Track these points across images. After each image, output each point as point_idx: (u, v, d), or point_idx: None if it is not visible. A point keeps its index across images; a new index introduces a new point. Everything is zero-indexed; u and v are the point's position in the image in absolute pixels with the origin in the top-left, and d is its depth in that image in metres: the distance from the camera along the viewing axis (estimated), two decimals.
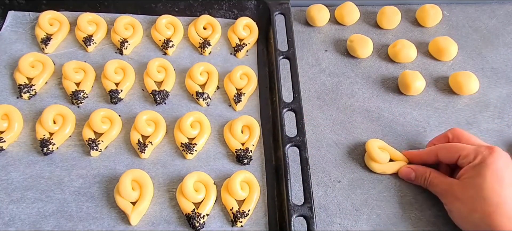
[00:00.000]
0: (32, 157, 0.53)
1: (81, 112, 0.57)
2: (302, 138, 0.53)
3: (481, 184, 0.45)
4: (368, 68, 0.66)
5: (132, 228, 0.49)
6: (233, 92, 0.59)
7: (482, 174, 0.46)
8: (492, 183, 0.45)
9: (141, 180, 0.50)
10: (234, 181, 0.50)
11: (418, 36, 0.70)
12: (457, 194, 0.48)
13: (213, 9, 0.68)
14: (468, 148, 0.49)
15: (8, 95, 0.58)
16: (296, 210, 0.48)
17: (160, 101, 0.58)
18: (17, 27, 0.65)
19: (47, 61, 0.60)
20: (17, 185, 0.51)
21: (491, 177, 0.45)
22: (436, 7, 0.71)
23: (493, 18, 0.74)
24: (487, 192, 0.45)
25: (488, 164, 0.46)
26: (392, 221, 0.51)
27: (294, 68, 0.60)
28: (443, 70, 0.66)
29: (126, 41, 0.63)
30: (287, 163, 0.51)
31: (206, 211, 0.49)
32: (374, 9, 0.73)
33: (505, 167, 0.46)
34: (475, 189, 0.46)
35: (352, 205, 0.52)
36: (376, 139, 0.56)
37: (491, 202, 0.44)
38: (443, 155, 0.51)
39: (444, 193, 0.50)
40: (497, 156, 0.47)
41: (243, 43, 0.65)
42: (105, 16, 0.66)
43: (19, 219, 0.48)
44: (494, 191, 0.45)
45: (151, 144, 0.54)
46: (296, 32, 0.69)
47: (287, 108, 0.56)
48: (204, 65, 0.61)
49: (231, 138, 0.55)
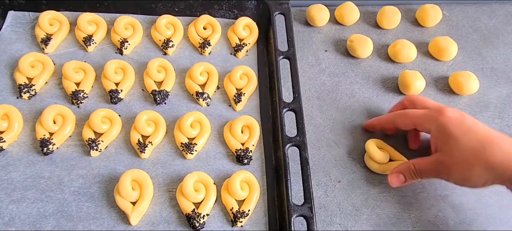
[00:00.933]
0: (32, 157, 0.53)
1: (81, 112, 0.57)
2: (302, 138, 0.53)
3: (457, 143, 0.46)
4: (368, 68, 0.66)
5: (132, 228, 0.49)
6: (233, 92, 0.59)
7: (450, 134, 0.47)
8: (463, 135, 0.46)
9: (141, 180, 0.50)
10: (234, 181, 0.50)
11: (418, 36, 0.70)
12: (447, 165, 0.47)
13: (213, 9, 0.68)
14: (419, 115, 0.51)
15: (8, 95, 0.58)
16: (296, 210, 0.48)
17: (160, 101, 0.58)
18: (17, 27, 0.65)
19: (47, 61, 0.60)
20: (17, 185, 0.51)
21: (458, 131, 0.46)
22: (436, 7, 0.71)
23: (493, 18, 0.74)
24: (466, 144, 0.45)
25: (445, 123, 0.47)
26: (392, 221, 0.51)
27: (294, 68, 0.60)
28: (443, 70, 0.66)
29: (126, 41, 0.63)
30: (287, 163, 0.51)
31: (206, 211, 0.49)
32: (374, 9, 0.73)
33: (460, 115, 0.48)
34: (455, 150, 0.46)
35: (352, 205, 0.52)
36: (376, 139, 0.56)
37: (477, 149, 0.45)
38: (400, 122, 0.53)
39: (436, 171, 0.49)
40: (448, 112, 0.48)
41: (243, 43, 0.65)
42: (105, 16, 0.66)
43: (19, 219, 0.48)
44: (470, 139, 0.45)
45: (151, 144, 0.54)
46: (296, 32, 0.68)
47: (287, 108, 0.56)
48: (204, 65, 0.61)
49: (231, 138, 0.55)
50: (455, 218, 0.52)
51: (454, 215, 0.52)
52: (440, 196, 0.53)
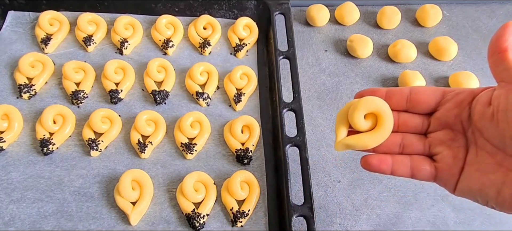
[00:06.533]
0: (32, 157, 0.53)
1: (81, 112, 0.57)
2: (302, 138, 0.53)
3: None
4: (368, 68, 0.66)
5: (132, 228, 0.49)
6: (233, 92, 0.59)
7: None
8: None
9: (141, 180, 0.50)
10: (234, 181, 0.50)
11: (418, 36, 0.70)
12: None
13: (213, 9, 0.68)
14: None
15: (8, 95, 0.58)
16: (296, 210, 0.47)
17: (160, 101, 0.58)
18: (17, 27, 0.65)
19: (47, 61, 0.60)
20: (17, 185, 0.51)
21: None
22: (436, 7, 0.71)
23: (493, 18, 0.74)
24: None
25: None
26: (392, 221, 0.51)
27: (294, 68, 0.60)
28: (443, 70, 0.66)
29: (126, 41, 0.63)
30: (287, 163, 0.51)
31: (206, 211, 0.49)
32: (374, 9, 0.73)
33: None
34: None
35: (352, 205, 0.52)
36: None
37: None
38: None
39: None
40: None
41: (243, 43, 0.65)
42: (105, 16, 0.66)
43: (19, 219, 0.48)
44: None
45: (151, 144, 0.54)
46: (296, 32, 0.68)
47: (287, 108, 0.56)
48: (204, 65, 0.61)
49: (231, 138, 0.55)
50: (455, 218, 0.52)
51: (454, 215, 0.52)
52: (440, 196, 0.53)
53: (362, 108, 0.35)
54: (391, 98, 0.37)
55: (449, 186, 0.36)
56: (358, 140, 0.36)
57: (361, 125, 0.36)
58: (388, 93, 0.38)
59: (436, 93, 0.37)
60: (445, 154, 0.35)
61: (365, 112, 0.36)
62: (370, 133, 0.36)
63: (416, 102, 0.37)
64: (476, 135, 0.34)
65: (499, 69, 0.32)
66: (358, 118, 0.36)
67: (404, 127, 0.38)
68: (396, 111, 0.38)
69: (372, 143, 0.36)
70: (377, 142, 0.36)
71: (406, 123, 0.38)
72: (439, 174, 0.36)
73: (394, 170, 0.37)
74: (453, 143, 0.35)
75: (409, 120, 0.38)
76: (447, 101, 0.36)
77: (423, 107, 0.37)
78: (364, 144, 0.36)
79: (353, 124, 0.36)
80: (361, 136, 0.36)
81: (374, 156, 0.37)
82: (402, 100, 0.37)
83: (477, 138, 0.34)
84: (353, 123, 0.36)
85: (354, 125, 0.36)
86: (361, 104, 0.35)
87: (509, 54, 0.32)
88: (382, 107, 0.36)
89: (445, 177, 0.35)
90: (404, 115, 0.38)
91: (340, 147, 0.37)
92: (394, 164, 0.36)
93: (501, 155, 0.32)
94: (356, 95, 0.39)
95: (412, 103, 0.37)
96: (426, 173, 0.36)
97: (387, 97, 0.38)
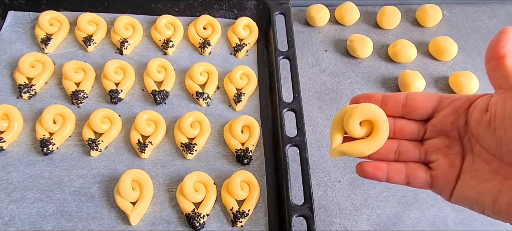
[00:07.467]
0: (32, 157, 0.53)
1: (81, 112, 0.57)
2: (302, 138, 0.53)
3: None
4: (368, 68, 0.66)
5: (132, 228, 0.49)
6: (233, 92, 0.59)
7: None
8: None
9: (141, 180, 0.50)
10: (234, 181, 0.50)
11: (418, 36, 0.70)
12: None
13: (213, 9, 0.68)
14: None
15: (8, 95, 0.58)
16: (296, 210, 0.47)
17: (160, 101, 0.58)
18: (17, 27, 0.65)
19: (47, 61, 0.60)
20: (17, 185, 0.51)
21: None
22: (436, 7, 0.71)
23: (493, 18, 0.74)
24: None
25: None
26: (392, 221, 0.51)
27: (294, 68, 0.60)
28: (443, 70, 0.66)
29: (126, 41, 0.63)
30: (287, 163, 0.51)
31: (206, 211, 0.49)
32: (374, 9, 0.73)
33: None
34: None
35: (352, 205, 0.52)
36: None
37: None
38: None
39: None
40: None
41: (243, 43, 0.65)
42: (105, 16, 0.66)
43: (19, 219, 0.48)
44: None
45: (151, 144, 0.54)
46: (296, 32, 0.68)
47: (287, 108, 0.56)
48: (204, 65, 0.61)
49: (231, 138, 0.55)
50: (455, 218, 0.52)
51: (454, 215, 0.52)
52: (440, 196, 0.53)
53: (358, 115, 0.35)
54: (387, 104, 0.37)
55: (445, 194, 0.35)
56: (353, 148, 0.36)
57: (357, 132, 0.36)
58: (384, 99, 0.37)
59: (433, 99, 0.36)
60: (441, 162, 0.35)
61: (361, 119, 0.35)
62: (365, 141, 0.36)
63: (412, 108, 0.37)
64: (472, 142, 0.34)
65: (496, 75, 0.32)
66: (353, 125, 0.35)
67: (400, 133, 0.37)
68: (392, 117, 0.37)
69: (367, 151, 0.36)
70: (373, 149, 0.36)
71: (402, 129, 0.37)
72: (435, 182, 0.35)
73: (390, 178, 0.36)
74: (449, 151, 0.35)
75: (405, 126, 0.37)
76: (444, 108, 0.36)
77: (419, 113, 0.37)
78: (360, 152, 0.36)
79: (349, 131, 0.36)
80: (357, 144, 0.36)
81: (369, 163, 0.36)
82: (398, 106, 0.37)
83: (474, 145, 0.34)
84: (348, 131, 0.36)
85: (349, 132, 0.36)
86: (356, 111, 0.35)
87: (506, 60, 0.31)
88: (378, 114, 0.35)
89: (441, 185, 0.35)
90: (400, 122, 0.38)
91: (335, 154, 0.37)
92: (390, 172, 0.36)
93: (497, 162, 0.32)
94: (351, 100, 0.39)
95: (408, 109, 0.37)
96: (422, 181, 0.36)
97: (383, 103, 0.37)
